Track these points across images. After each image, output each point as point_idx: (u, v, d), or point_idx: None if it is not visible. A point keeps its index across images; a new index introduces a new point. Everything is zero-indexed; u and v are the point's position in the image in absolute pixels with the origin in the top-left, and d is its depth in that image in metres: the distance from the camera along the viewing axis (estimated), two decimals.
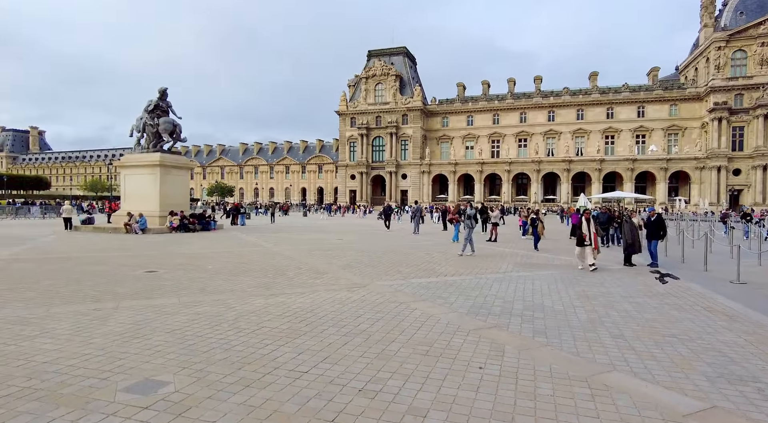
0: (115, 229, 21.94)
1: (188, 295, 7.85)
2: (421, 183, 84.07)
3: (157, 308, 6.78)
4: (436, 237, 21.90)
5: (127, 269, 10.81)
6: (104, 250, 14.76)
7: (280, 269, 10.93)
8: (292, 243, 17.93)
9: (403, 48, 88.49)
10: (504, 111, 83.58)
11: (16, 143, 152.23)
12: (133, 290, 8.18)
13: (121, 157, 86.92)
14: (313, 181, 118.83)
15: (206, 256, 13.33)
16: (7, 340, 5.16)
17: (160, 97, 23.69)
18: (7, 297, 7.49)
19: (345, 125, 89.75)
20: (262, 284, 8.93)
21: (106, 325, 5.84)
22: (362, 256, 13.58)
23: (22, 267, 10.79)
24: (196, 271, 10.53)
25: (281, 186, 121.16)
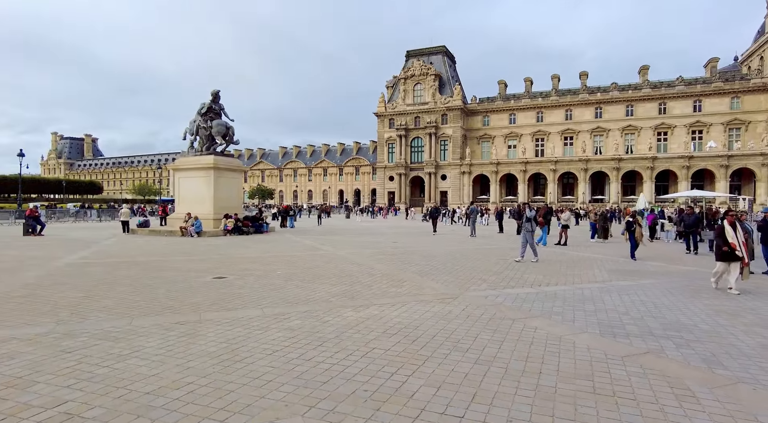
0: (170, 232, 22.02)
1: (270, 305, 7.22)
2: (461, 184, 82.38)
3: (243, 322, 6.15)
4: (496, 240, 20.76)
5: (194, 274, 10.40)
6: (166, 254, 14.55)
7: (352, 275, 10.22)
8: (351, 246, 17.28)
9: (442, 47, 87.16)
10: (548, 108, 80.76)
11: (73, 150, 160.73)
12: (209, 299, 7.64)
13: (167, 162, 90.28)
14: (350, 182, 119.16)
15: (270, 261, 12.82)
16: (98, 360, 4.60)
17: (212, 99, 23.69)
18: (86, 306, 7.08)
19: (383, 126, 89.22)
20: (342, 293, 8.21)
21: (196, 343, 5.22)
22: (432, 262, 12.71)
23: (94, 272, 10.55)
24: (266, 277, 9.97)
25: (319, 188, 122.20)
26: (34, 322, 6.16)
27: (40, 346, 5.08)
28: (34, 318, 6.36)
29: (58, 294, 8.03)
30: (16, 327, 5.89)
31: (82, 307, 7.07)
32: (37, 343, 5.17)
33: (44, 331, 5.70)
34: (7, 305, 7.12)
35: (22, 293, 8.09)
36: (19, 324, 6.04)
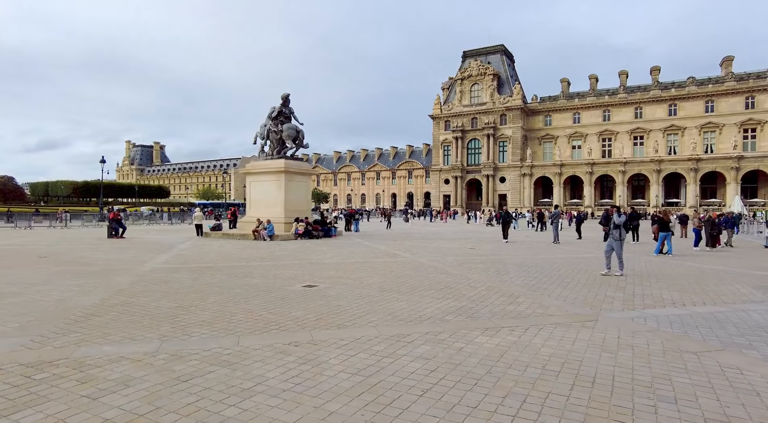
0: (243, 235, 22.04)
1: (382, 323, 6.35)
2: (522, 186, 79.32)
3: (363, 345, 5.30)
4: (583, 247, 19.01)
5: (282, 282, 9.81)
6: (245, 259, 14.23)
7: (452, 287, 9.20)
8: (428, 252, 16.29)
9: (500, 46, 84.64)
10: (616, 106, 76.13)
11: (143, 157, 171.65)
12: (311, 313, 6.90)
13: (228, 168, 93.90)
14: (403, 186, 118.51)
15: (353, 268, 12.08)
16: (221, 395, 3.87)
17: (282, 103, 23.60)
18: (184, 319, 6.54)
19: (439, 129, 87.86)
20: (455, 310, 7.21)
21: (323, 373, 4.40)
22: (531, 272, 11.44)
23: (181, 278, 10.24)
24: (357, 287, 9.19)
25: (372, 192, 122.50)
26: (138, 336, 5.64)
27: (151, 370, 4.46)
28: (136, 332, 5.85)
29: (153, 303, 7.61)
30: (122, 343, 5.37)
31: (180, 319, 6.54)
32: (148, 366, 4.56)
33: (151, 349, 5.12)
34: (108, 314, 6.72)
35: (118, 301, 7.75)
36: (124, 339, 5.53)
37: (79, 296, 8.15)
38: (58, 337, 5.59)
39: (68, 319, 6.46)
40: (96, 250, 16.44)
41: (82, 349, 5.11)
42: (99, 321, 6.39)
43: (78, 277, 10.21)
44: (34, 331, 5.85)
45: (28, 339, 5.51)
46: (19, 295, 8.14)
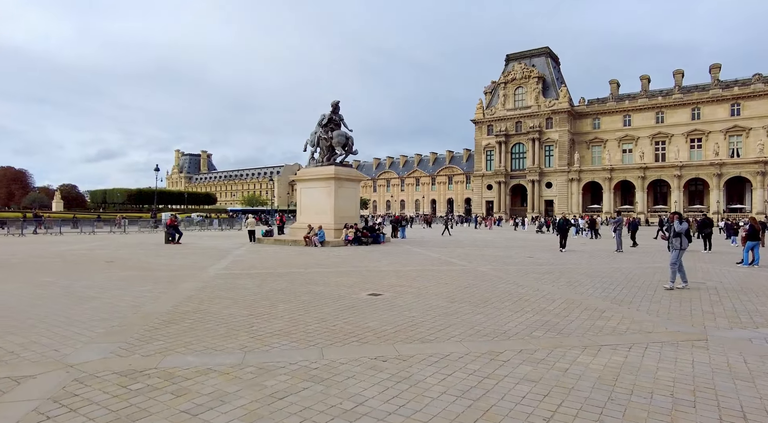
0: (294, 241, 22.20)
1: (467, 338, 5.95)
2: (569, 192, 76.57)
3: (455, 362, 4.92)
4: (650, 256, 17.85)
5: (346, 290, 9.60)
6: (302, 265, 14.19)
7: (526, 299, 8.67)
8: (484, 260, 15.73)
9: (545, 48, 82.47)
10: (670, 108, 72.33)
11: (191, 165, 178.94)
12: (387, 324, 6.60)
13: (272, 175, 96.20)
14: (442, 192, 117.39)
15: (412, 276, 11.73)
16: (323, 415, 3.59)
17: (332, 110, 23.72)
18: (260, 328, 6.39)
19: (481, 133, 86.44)
20: (540, 324, 6.70)
21: (424, 393, 4.06)
22: (607, 284, 10.71)
23: (245, 284, 10.23)
24: (424, 297, 8.82)
25: (411, 198, 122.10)
26: (218, 347, 5.51)
27: (242, 384, 4.27)
28: (216, 341, 5.73)
29: (225, 311, 7.54)
30: (205, 353, 5.24)
31: (256, 328, 6.39)
32: (237, 380, 4.37)
33: (235, 361, 4.96)
34: (184, 322, 6.69)
35: (190, 308, 7.74)
36: (206, 349, 5.41)
37: (151, 302, 8.22)
38: (143, 345, 5.54)
39: (148, 326, 6.46)
40: (157, 256, 16.92)
41: (168, 359, 5.01)
42: (177, 329, 6.34)
43: (146, 283, 10.40)
44: (119, 338, 5.85)
45: (116, 346, 5.49)
46: (97, 300, 8.30)
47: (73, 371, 4.59)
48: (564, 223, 20.72)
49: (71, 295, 8.79)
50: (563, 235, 20.43)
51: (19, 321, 6.66)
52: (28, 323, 6.53)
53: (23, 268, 12.92)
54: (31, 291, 9.19)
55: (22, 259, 15.32)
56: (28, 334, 5.93)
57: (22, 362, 4.88)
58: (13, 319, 6.80)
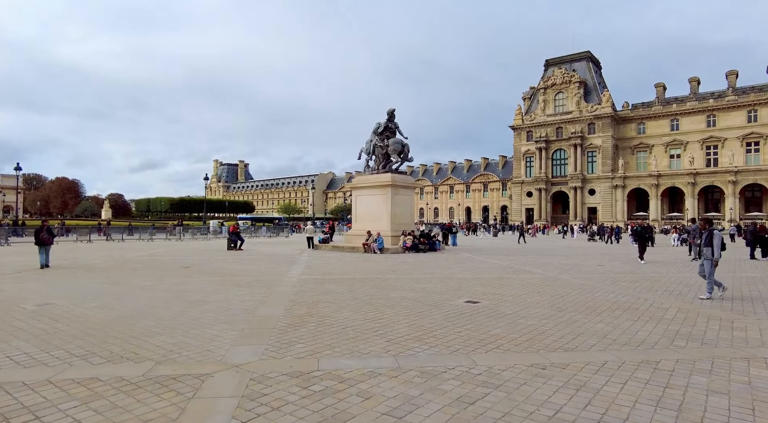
0: (352, 248, 22.36)
1: (608, 348, 5.77)
2: (614, 199, 74.32)
3: (622, 371, 4.75)
4: (733, 265, 16.99)
5: (437, 296, 9.52)
6: (375, 271, 14.24)
7: (636, 308, 8.37)
8: (559, 269, 15.35)
9: (586, 52, 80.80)
10: (723, 110, 69.28)
11: (229, 175, 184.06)
12: (510, 331, 6.48)
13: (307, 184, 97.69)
14: (477, 199, 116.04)
15: (497, 284, 11.55)
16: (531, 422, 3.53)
17: (388, 118, 23.90)
18: (387, 333, 6.39)
19: (520, 140, 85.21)
20: (671, 333, 6.43)
21: (616, 402, 3.93)
22: None
23: (336, 290, 10.31)
24: (524, 305, 8.64)
25: (445, 206, 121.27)
26: (362, 350, 5.54)
27: (421, 388, 4.25)
28: (354, 345, 5.77)
29: (337, 315, 7.61)
30: (354, 356, 5.27)
31: (383, 333, 6.40)
32: (411, 384, 4.36)
33: (390, 364, 4.96)
34: (307, 326, 6.77)
35: (302, 311, 7.85)
36: (352, 352, 5.44)
37: (260, 306, 8.39)
38: (287, 348, 5.63)
39: (276, 329, 6.58)
40: (228, 261, 17.36)
41: (324, 362, 5.07)
42: (306, 332, 6.43)
43: (240, 288, 10.65)
44: (257, 340, 5.98)
45: (261, 348, 5.60)
46: (208, 303, 8.55)
47: (242, 371, 4.70)
48: (643, 231, 19.05)
49: (179, 298, 9.09)
50: (643, 243, 18.52)
51: (155, 322, 6.92)
52: (164, 325, 6.77)
53: (115, 272, 13.51)
54: (141, 294, 9.56)
55: (108, 264, 16.03)
56: (172, 335, 6.15)
57: (189, 361, 5.04)
58: (150, 319, 7.07)
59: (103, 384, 4.32)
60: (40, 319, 7.03)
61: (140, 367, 4.83)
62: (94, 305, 8.23)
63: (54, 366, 4.85)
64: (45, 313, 7.53)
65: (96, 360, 5.06)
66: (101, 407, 3.79)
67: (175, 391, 4.13)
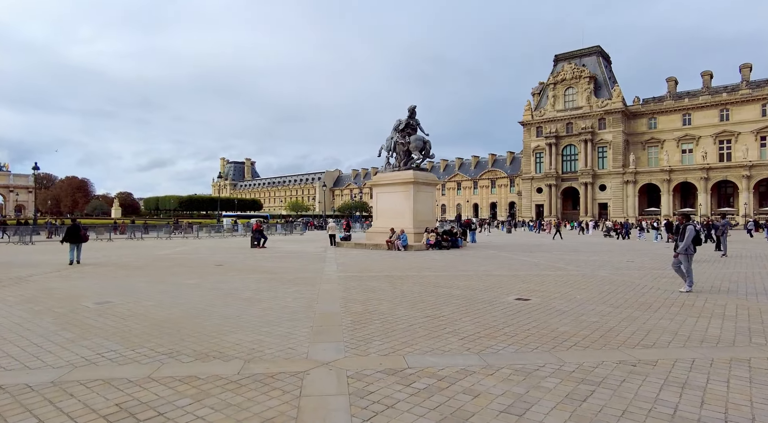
0: (375, 245, 22.37)
1: (686, 342, 5.74)
2: (625, 194, 73.93)
3: (731, 372, 4.73)
4: (751, 261, 16.84)
5: (486, 294, 9.49)
6: (409, 268, 14.23)
7: (689, 304, 8.33)
8: (590, 265, 15.29)
9: (596, 47, 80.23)
10: (736, 104, 68.66)
11: (236, 173, 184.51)
12: (578, 328, 6.46)
13: (313, 181, 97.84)
14: (485, 196, 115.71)
15: (538, 281, 11.51)
16: (655, 420, 3.51)
17: (409, 115, 23.84)
18: (457, 331, 6.39)
19: (530, 136, 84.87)
20: (743, 330, 6.39)
21: (733, 402, 3.91)
22: (759, 290, 10.16)
23: (380, 287, 10.30)
24: (576, 302, 8.59)
25: (452, 202, 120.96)
26: (442, 347, 5.54)
27: (525, 385, 4.24)
28: (431, 342, 5.76)
29: (397, 312, 7.60)
30: (437, 354, 5.26)
31: (452, 330, 6.39)
32: (511, 382, 4.35)
33: (478, 362, 4.95)
34: (372, 323, 6.77)
35: (359, 309, 7.86)
36: (433, 350, 5.43)
37: (313, 303, 8.41)
38: (365, 345, 5.64)
39: (343, 326, 6.59)
40: (258, 259, 17.41)
41: (411, 359, 5.07)
42: (374, 329, 6.44)
43: (285, 285, 10.68)
44: (331, 337, 5.99)
45: (341, 345, 5.62)
46: (261, 302, 8.57)
47: (335, 369, 4.71)
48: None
49: (231, 296, 9.13)
50: None
51: (221, 320, 6.95)
52: (231, 323, 6.79)
53: (152, 270, 13.58)
54: (191, 292, 9.61)
55: (140, 262, 16.12)
56: (246, 333, 6.17)
57: (277, 359, 5.06)
58: (215, 318, 7.10)
59: (204, 381, 4.34)
60: (108, 317, 7.08)
61: (232, 365, 4.85)
62: (151, 303, 8.28)
63: (147, 363, 4.88)
64: (109, 311, 7.58)
65: (184, 358, 5.09)
66: (217, 405, 3.81)
67: (281, 390, 4.15)
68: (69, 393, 4.05)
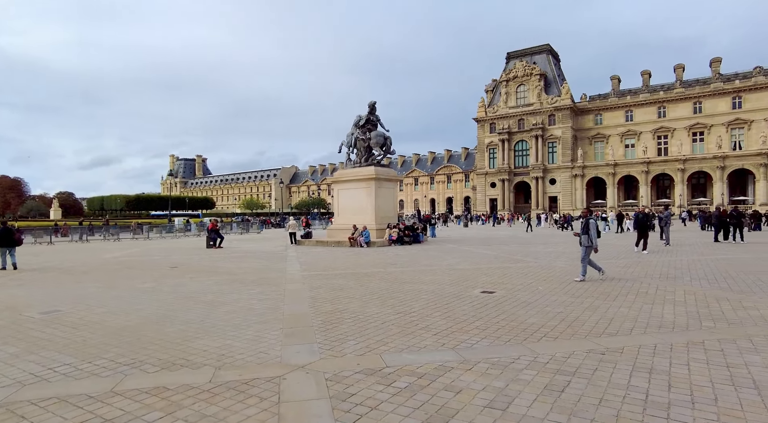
0: (337, 242, 22.16)
1: (645, 329, 6.03)
2: (573, 188, 77.28)
3: (691, 356, 4.99)
4: (698, 249, 18.08)
5: (452, 288, 9.59)
6: (374, 265, 14.18)
7: (645, 293, 8.80)
8: (549, 256, 15.87)
9: (546, 46, 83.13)
10: (672, 102, 73.28)
11: (186, 170, 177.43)
12: (545, 319, 6.65)
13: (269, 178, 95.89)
14: (441, 191, 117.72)
15: (500, 273, 11.79)
16: (636, 406, 3.64)
17: (369, 111, 23.72)
18: (431, 327, 6.40)
19: (484, 132, 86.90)
20: (694, 315, 6.81)
21: (706, 386, 4.12)
22: (710, 277, 10.88)
23: (347, 285, 10.20)
24: (539, 293, 8.87)
25: (410, 198, 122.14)
26: (417, 344, 5.52)
27: (505, 379, 4.29)
28: (405, 340, 5.74)
29: (368, 310, 7.52)
30: (413, 351, 5.25)
31: (425, 326, 6.40)
32: (490, 376, 4.40)
33: (455, 358, 4.98)
34: (344, 323, 6.67)
35: (329, 308, 7.72)
36: (408, 347, 5.41)
37: (280, 305, 8.19)
38: (339, 345, 5.54)
39: (314, 327, 6.45)
40: (216, 260, 16.79)
41: (387, 358, 5.01)
42: (347, 329, 6.34)
43: (248, 286, 10.35)
44: (303, 339, 5.84)
45: (314, 347, 5.48)
46: (225, 304, 8.24)
47: (312, 372, 4.58)
48: (645, 218, 17.58)
49: (192, 299, 8.73)
50: (645, 233, 17.00)
51: (184, 325, 6.61)
52: (195, 328, 6.48)
53: (102, 275, 12.77)
54: (147, 297, 9.10)
55: (87, 266, 15.13)
56: (214, 338, 5.90)
57: (249, 364, 4.86)
58: (177, 323, 6.75)
59: (174, 392, 4.10)
60: (57, 328, 6.56)
61: (202, 373, 4.61)
62: (105, 311, 7.76)
63: (108, 376, 4.55)
64: (57, 320, 7.03)
65: (148, 368, 4.79)
66: (190, 417, 3.60)
67: (257, 397, 3.98)
68: (20, 415, 3.70)
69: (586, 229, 10.32)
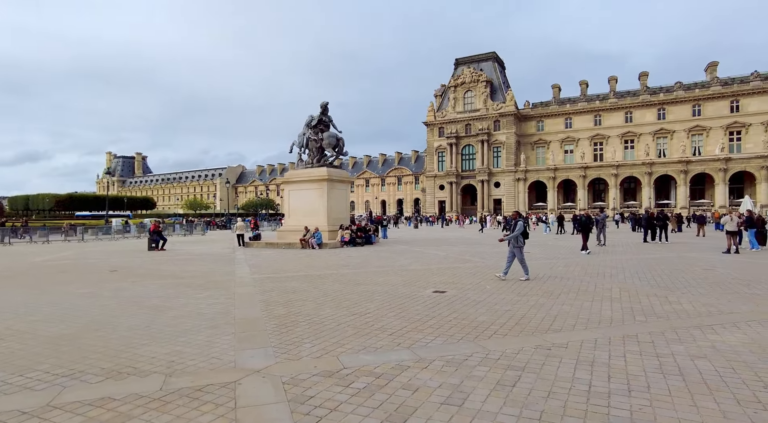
0: (288, 244, 21.80)
1: (587, 325, 6.44)
2: (516, 191, 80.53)
3: (627, 349, 5.38)
4: (622, 248, 19.46)
5: (406, 289, 9.75)
6: (326, 267, 14.09)
7: (586, 290, 9.38)
8: (496, 257, 16.46)
9: (492, 53, 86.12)
10: (607, 111, 78.18)
11: (125, 168, 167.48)
12: (495, 317, 6.94)
13: (214, 177, 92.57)
14: (392, 193, 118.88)
15: (451, 274, 12.11)
16: (585, 396, 3.89)
17: (322, 111, 23.54)
18: (386, 327, 6.48)
19: (433, 135, 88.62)
20: (628, 311, 7.35)
21: (636, 375, 4.47)
22: (639, 275, 11.73)
23: (300, 288, 10.08)
24: (488, 292, 9.23)
25: (361, 199, 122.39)
26: (374, 345, 5.58)
27: (460, 376, 4.44)
28: (361, 341, 5.78)
29: (323, 312, 7.50)
30: (369, 352, 5.30)
31: (380, 327, 6.48)
32: (445, 373, 4.53)
33: (411, 356, 5.09)
34: (299, 326, 6.61)
35: (282, 312, 7.62)
36: (365, 348, 5.45)
37: (231, 308, 7.98)
38: (295, 348, 5.49)
39: (268, 331, 6.35)
40: (159, 263, 16.02)
41: (344, 359, 5.04)
42: (302, 332, 6.29)
43: (195, 290, 9.97)
44: (256, 344, 5.73)
45: (269, 351, 5.40)
46: (172, 309, 7.91)
47: (269, 376, 4.52)
48: (586, 220, 18.40)
49: (136, 305, 8.30)
50: (586, 234, 17.95)
51: (129, 332, 6.28)
52: (141, 334, 6.17)
53: (31, 280, 11.81)
54: (86, 302, 8.53)
55: (13, 271, 13.93)
56: (162, 345, 5.65)
57: (202, 370, 4.72)
58: (121, 330, 6.39)
59: (121, 403, 3.90)
60: None
61: (151, 380, 4.42)
62: (37, 319, 7.21)
63: (43, 389, 4.25)
64: None
65: (91, 378, 4.52)
66: None
67: (213, 403, 3.88)
68: None
69: (514, 228, 10.97)
